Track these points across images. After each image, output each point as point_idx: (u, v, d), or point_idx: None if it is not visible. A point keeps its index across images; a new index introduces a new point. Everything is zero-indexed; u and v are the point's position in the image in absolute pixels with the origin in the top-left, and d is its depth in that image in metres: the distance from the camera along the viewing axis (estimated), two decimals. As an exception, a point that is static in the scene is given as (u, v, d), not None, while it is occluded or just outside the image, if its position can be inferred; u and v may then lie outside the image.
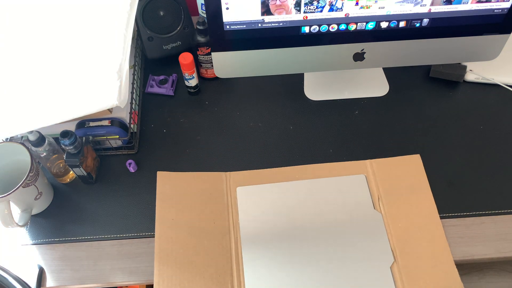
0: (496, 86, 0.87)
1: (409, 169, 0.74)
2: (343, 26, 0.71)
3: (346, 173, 0.75)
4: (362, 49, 0.75)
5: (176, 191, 0.71)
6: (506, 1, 0.69)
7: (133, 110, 0.80)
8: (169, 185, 0.71)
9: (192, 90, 0.87)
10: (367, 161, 0.76)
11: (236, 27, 0.69)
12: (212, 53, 0.73)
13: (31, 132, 0.68)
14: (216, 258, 0.66)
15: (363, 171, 0.75)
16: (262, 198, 0.72)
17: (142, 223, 0.73)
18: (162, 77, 0.89)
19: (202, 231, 0.68)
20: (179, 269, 0.63)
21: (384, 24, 0.72)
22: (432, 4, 0.69)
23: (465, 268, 0.80)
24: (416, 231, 0.68)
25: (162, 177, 0.72)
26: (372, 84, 0.88)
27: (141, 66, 0.91)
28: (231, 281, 0.65)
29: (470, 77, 0.87)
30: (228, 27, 0.69)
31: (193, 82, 0.85)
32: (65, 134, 0.68)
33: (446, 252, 0.67)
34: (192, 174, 0.73)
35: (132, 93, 0.81)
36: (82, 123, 0.75)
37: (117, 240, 0.71)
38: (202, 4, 0.93)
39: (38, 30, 0.76)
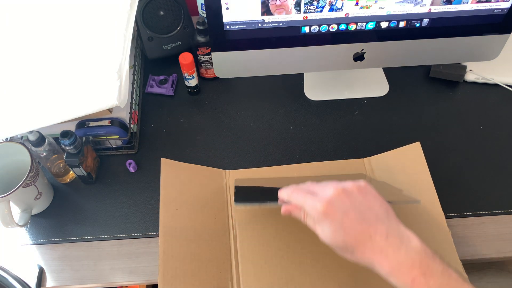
0: (496, 86, 0.87)
1: (408, 160, 0.73)
2: (343, 26, 0.71)
3: (345, 171, 0.75)
4: (362, 49, 0.75)
5: (179, 182, 0.70)
6: (506, 1, 0.69)
7: (133, 110, 0.80)
8: (173, 174, 0.70)
9: (192, 90, 0.87)
10: (365, 159, 0.76)
11: (236, 27, 0.69)
12: (212, 53, 0.73)
13: (31, 132, 0.68)
14: (217, 254, 0.66)
15: (362, 169, 0.75)
16: None
17: (142, 223, 0.73)
18: (162, 77, 0.89)
19: (204, 226, 0.68)
20: (182, 261, 0.63)
21: (384, 24, 0.72)
22: (432, 4, 0.69)
23: (465, 268, 0.79)
24: (416, 226, 0.67)
25: (166, 165, 0.71)
26: (372, 84, 0.88)
27: (141, 66, 0.91)
28: (230, 278, 0.65)
29: (470, 77, 0.87)
30: (228, 27, 0.69)
31: (193, 82, 0.85)
32: (65, 134, 0.68)
33: (449, 244, 0.65)
34: (195, 166, 0.73)
35: (132, 93, 0.81)
36: (82, 123, 0.75)
37: (117, 240, 0.71)
38: (202, 4, 0.93)
39: (38, 30, 0.76)
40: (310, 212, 0.52)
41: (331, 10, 0.68)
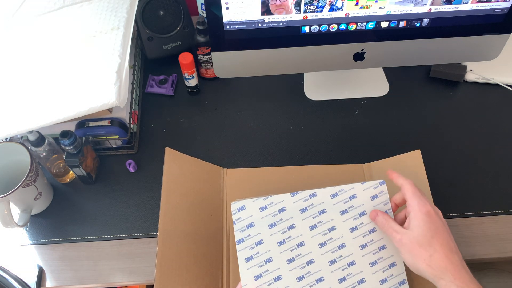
0: (496, 86, 0.87)
1: (408, 168, 0.73)
2: (343, 26, 0.71)
3: (344, 176, 0.74)
4: (362, 49, 0.75)
5: (181, 173, 0.70)
6: (506, 1, 0.69)
7: (133, 110, 0.80)
8: (176, 165, 0.70)
9: (192, 90, 0.87)
10: (365, 165, 0.76)
11: (236, 27, 0.69)
12: (212, 53, 0.73)
13: (31, 132, 0.68)
14: (211, 251, 0.66)
15: (361, 174, 0.74)
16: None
17: (142, 223, 0.72)
18: (162, 77, 0.89)
19: (201, 221, 0.68)
20: (179, 254, 0.63)
21: (384, 24, 0.72)
22: (432, 4, 0.69)
23: (465, 268, 0.80)
24: None
25: (170, 155, 0.70)
26: (372, 84, 0.88)
27: (141, 66, 0.90)
28: (221, 275, 0.65)
29: (470, 77, 0.87)
30: (228, 27, 0.69)
31: (193, 82, 0.84)
32: (65, 134, 0.68)
33: None
34: (196, 160, 0.73)
35: (132, 93, 0.81)
36: (82, 123, 0.75)
37: (117, 240, 0.71)
38: (202, 4, 0.92)
39: (39, 30, 0.76)
40: None
41: (331, 10, 0.68)
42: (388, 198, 0.61)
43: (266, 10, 0.67)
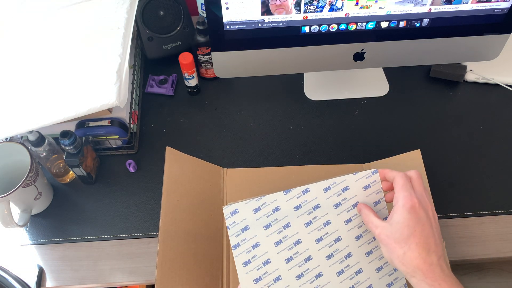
0: (496, 86, 0.87)
1: (407, 168, 0.72)
2: (343, 26, 0.71)
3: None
4: (362, 49, 0.75)
5: (182, 173, 0.70)
6: (506, 1, 0.69)
7: (133, 110, 0.80)
8: (177, 164, 0.70)
9: (192, 90, 0.87)
10: (365, 165, 0.76)
11: (236, 27, 0.69)
12: (212, 53, 0.73)
13: (31, 132, 0.68)
14: (211, 250, 0.66)
15: None
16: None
17: (142, 223, 0.72)
18: (162, 77, 0.89)
19: (202, 220, 0.68)
20: (180, 255, 0.63)
21: (384, 24, 0.72)
22: (432, 4, 0.69)
23: (465, 268, 0.80)
24: None
25: (171, 154, 0.70)
26: (372, 84, 0.88)
27: (141, 66, 0.90)
28: (221, 275, 0.65)
29: (470, 77, 0.87)
30: (228, 27, 0.69)
31: (193, 82, 0.84)
32: (65, 134, 0.68)
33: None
34: (197, 160, 0.73)
35: (132, 93, 0.81)
36: (82, 123, 0.75)
37: (117, 240, 0.71)
38: (202, 4, 0.93)
39: (39, 30, 0.76)
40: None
41: (331, 10, 0.68)
42: (381, 187, 0.61)
43: (266, 10, 0.67)
